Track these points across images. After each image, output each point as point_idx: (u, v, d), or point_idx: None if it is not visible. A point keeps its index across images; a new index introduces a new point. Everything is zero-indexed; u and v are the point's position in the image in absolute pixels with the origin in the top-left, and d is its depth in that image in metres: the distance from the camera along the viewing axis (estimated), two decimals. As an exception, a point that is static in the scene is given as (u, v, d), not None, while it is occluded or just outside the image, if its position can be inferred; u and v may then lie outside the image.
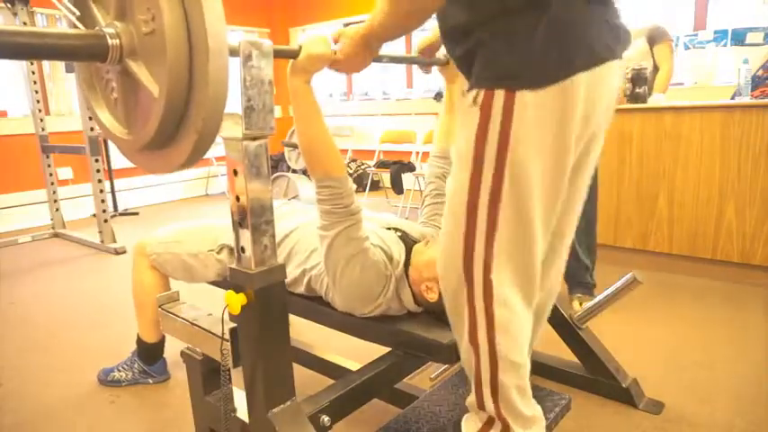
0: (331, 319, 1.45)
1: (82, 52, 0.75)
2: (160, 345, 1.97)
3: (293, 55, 1.13)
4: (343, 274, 1.31)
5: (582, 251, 2.49)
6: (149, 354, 1.97)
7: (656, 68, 3.49)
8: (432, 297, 1.35)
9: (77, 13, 0.84)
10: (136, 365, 1.98)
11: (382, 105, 6.33)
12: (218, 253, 1.66)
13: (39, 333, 2.52)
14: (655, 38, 3.46)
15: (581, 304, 2.47)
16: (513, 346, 1.08)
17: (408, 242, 1.48)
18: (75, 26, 0.84)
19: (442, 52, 1.51)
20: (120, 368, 1.99)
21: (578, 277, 2.52)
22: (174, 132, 0.79)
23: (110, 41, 0.76)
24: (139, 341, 1.96)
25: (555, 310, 1.83)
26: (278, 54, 1.01)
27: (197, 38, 0.71)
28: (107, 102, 0.91)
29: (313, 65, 1.16)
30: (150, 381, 1.98)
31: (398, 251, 1.43)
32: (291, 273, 1.48)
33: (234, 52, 0.87)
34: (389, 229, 1.53)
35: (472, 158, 0.98)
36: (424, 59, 1.49)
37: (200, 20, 0.70)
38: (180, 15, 0.71)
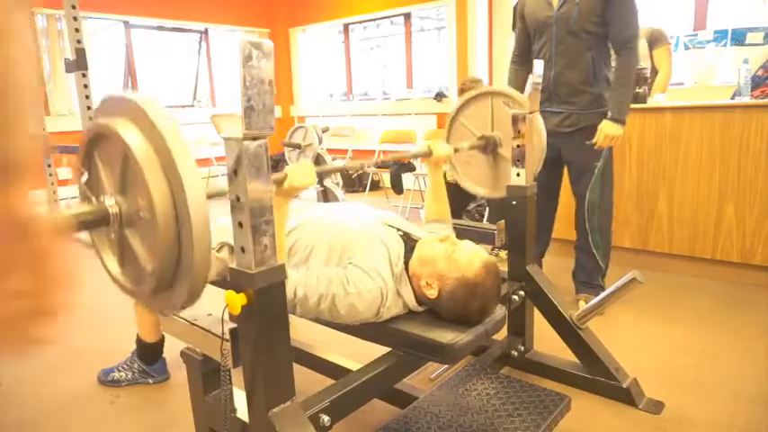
0: (331, 319, 1.45)
1: (89, 225, 0.88)
2: (160, 345, 1.97)
3: (279, 182, 1.19)
4: (339, 317, 1.34)
5: (597, 253, 2.48)
6: (149, 354, 1.97)
7: (654, 71, 3.49)
8: (431, 294, 1.36)
9: (86, 176, 0.93)
10: (136, 365, 1.98)
11: (382, 105, 6.33)
12: (218, 251, 1.65)
13: (39, 333, 2.52)
14: (653, 41, 3.47)
15: (586, 303, 2.47)
16: None
17: (409, 242, 1.48)
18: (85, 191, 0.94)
19: (426, 144, 1.70)
20: (120, 368, 1.99)
21: (591, 278, 2.52)
22: (169, 284, 0.88)
23: (110, 211, 0.87)
24: (139, 341, 1.96)
25: (555, 310, 1.83)
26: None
27: (186, 235, 0.81)
28: (112, 250, 0.96)
29: (296, 192, 1.24)
30: (150, 381, 1.98)
31: (398, 250, 1.43)
32: (291, 272, 1.48)
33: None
34: (390, 226, 1.53)
35: None
36: (414, 153, 1.72)
37: (188, 227, 0.80)
38: (172, 216, 0.81)
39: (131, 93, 0.86)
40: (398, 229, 1.53)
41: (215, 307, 1.12)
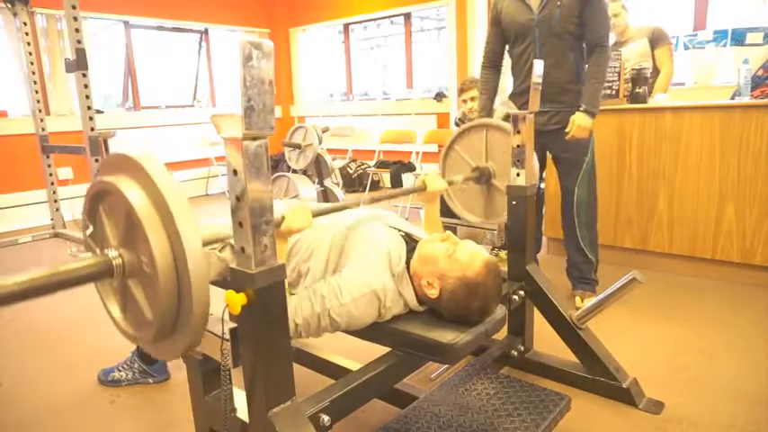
0: (331, 319, 1.45)
1: (95, 277, 0.92)
2: (160, 345, 1.97)
3: (276, 224, 1.19)
4: (343, 328, 1.36)
5: (586, 247, 2.52)
6: (149, 354, 1.97)
7: (655, 71, 3.49)
8: (432, 293, 1.36)
9: (91, 229, 0.97)
10: (136, 365, 1.98)
11: (382, 105, 6.33)
12: (220, 251, 1.65)
13: (39, 333, 2.52)
14: (655, 41, 3.47)
15: (583, 300, 2.48)
16: None
17: (410, 243, 1.49)
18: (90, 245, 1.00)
19: (420, 179, 1.74)
20: (120, 368, 1.99)
21: (584, 273, 2.55)
22: (169, 332, 0.92)
23: (114, 263, 0.92)
24: (139, 341, 1.95)
25: (555, 310, 1.83)
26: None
27: (185, 287, 0.86)
28: (115, 298, 1.00)
29: (291, 234, 1.27)
30: (150, 381, 1.98)
31: (399, 251, 1.43)
32: (292, 272, 1.48)
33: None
34: (391, 227, 1.53)
35: None
36: (410, 189, 1.76)
37: (187, 279, 0.85)
38: (172, 268, 0.85)
39: (133, 151, 0.90)
40: (399, 230, 1.53)
41: (215, 307, 1.11)
